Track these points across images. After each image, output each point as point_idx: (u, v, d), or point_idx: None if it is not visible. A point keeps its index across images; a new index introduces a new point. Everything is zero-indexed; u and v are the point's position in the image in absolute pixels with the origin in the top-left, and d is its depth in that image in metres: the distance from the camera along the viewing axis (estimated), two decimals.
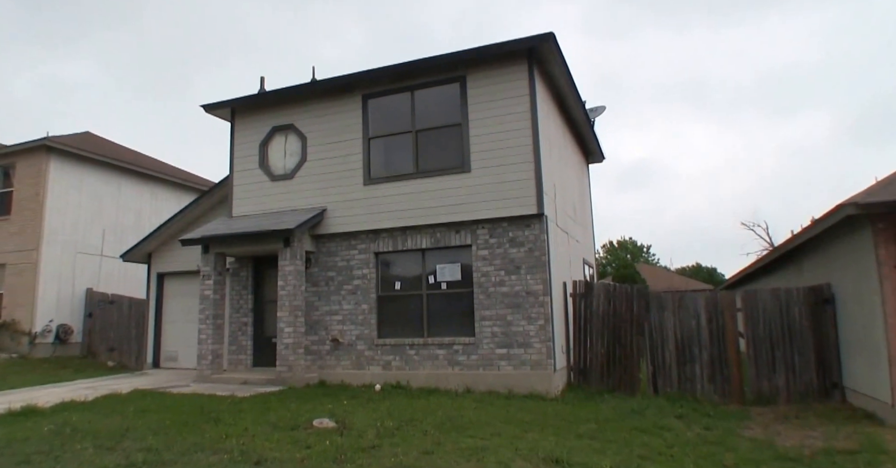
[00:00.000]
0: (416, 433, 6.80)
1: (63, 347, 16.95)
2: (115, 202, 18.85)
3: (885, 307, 7.86)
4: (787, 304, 10.02)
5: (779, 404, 9.58)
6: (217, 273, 11.85)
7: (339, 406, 8.59)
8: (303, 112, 12.11)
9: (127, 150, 21.52)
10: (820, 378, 9.73)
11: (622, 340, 10.62)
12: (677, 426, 7.78)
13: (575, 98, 12.64)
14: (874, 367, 8.29)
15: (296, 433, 6.88)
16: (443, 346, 10.44)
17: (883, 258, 7.95)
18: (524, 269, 10.08)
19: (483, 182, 10.37)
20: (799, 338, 9.89)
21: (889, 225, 7.90)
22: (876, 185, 8.56)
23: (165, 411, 8.35)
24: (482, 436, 6.72)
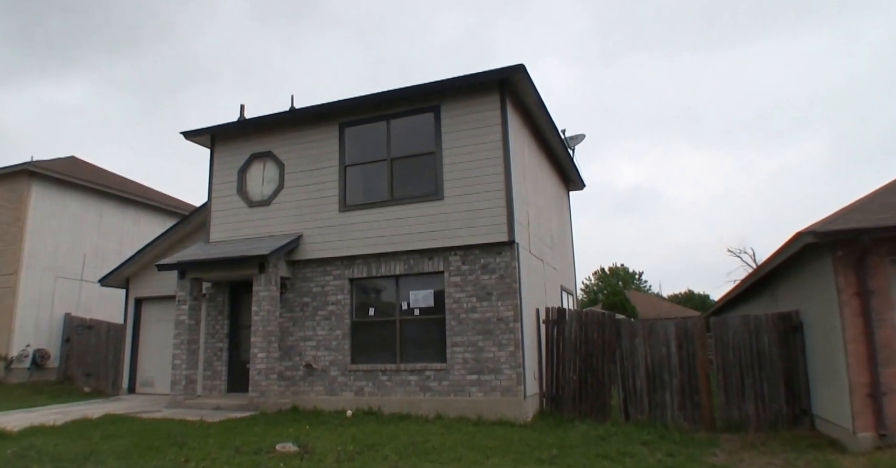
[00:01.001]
0: (376, 458, 6.82)
1: (40, 372, 16.81)
2: (96, 227, 18.90)
3: (845, 334, 8.00)
4: (757, 331, 10.14)
5: (748, 431, 9.62)
6: (193, 298, 11.88)
7: (306, 431, 8.58)
8: (281, 139, 12.32)
9: (111, 175, 21.66)
10: (789, 405, 9.80)
11: (594, 367, 10.68)
12: (641, 452, 7.82)
13: (550, 127, 12.92)
14: (838, 395, 8.38)
15: (257, 457, 6.89)
16: (415, 372, 10.47)
17: (842, 285, 8.11)
18: (495, 296, 10.19)
19: (456, 209, 10.55)
20: (768, 366, 9.98)
21: (848, 253, 8.08)
22: (837, 212, 8.78)
23: (132, 436, 8.34)
24: (442, 462, 6.74)
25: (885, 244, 7.99)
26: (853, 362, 7.89)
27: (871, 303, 7.92)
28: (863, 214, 8.34)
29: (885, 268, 8.03)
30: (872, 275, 8.00)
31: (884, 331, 7.88)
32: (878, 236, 7.86)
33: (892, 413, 7.64)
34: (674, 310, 35.29)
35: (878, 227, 7.83)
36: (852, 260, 8.06)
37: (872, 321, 7.88)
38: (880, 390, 7.69)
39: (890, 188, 9.19)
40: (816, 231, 7.95)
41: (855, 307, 8.00)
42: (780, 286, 11.34)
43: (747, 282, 12.53)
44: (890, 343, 7.84)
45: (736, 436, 9.37)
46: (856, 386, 7.83)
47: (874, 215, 8.23)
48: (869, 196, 9.12)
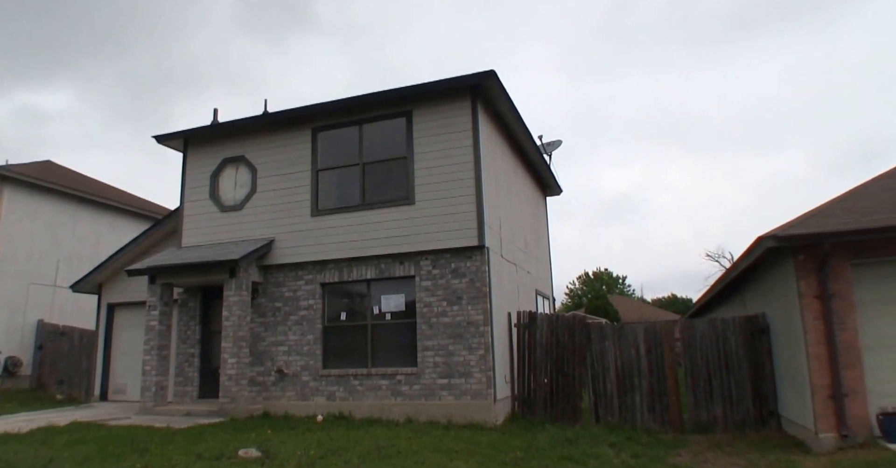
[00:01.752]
0: (338, 462, 6.80)
1: (12, 380, 16.56)
2: (71, 232, 18.70)
3: (807, 337, 8.11)
4: (724, 334, 10.25)
5: (716, 432, 9.72)
6: (163, 304, 11.80)
7: (273, 436, 8.53)
8: (254, 144, 12.29)
9: (87, 179, 21.46)
10: (756, 407, 9.90)
11: (565, 370, 10.73)
12: (606, 454, 7.88)
13: (524, 133, 13.01)
14: (801, 396, 8.49)
15: (218, 463, 6.86)
16: (386, 377, 10.46)
17: (803, 289, 8.23)
18: (466, 300, 10.22)
19: (427, 214, 10.57)
20: (736, 368, 10.09)
21: (808, 257, 8.20)
22: (799, 217, 8.90)
23: (96, 443, 8.25)
24: (405, 465, 6.75)
25: (846, 248, 8.11)
26: (815, 365, 8.00)
27: (832, 306, 8.04)
28: (825, 219, 8.48)
29: (845, 271, 8.15)
30: (833, 278, 8.11)
31: (845, 334, 7.99)
32: (838, 240, 7.97)
33: (853, 414, 7.75)
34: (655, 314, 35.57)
35: (838, 232, 7.94)
36: (813, 264, 8.18)
37: (833, 324, 7.99)
38: (842, 392, 7.79)
39: (853, 193, 9.34)
40: (777, 235, 8.07)
41: (816, 310, 8.11)
42: (748, 290, 11.49)
43: (717, 286, 12.67)
44: (851, 345, 7.95)
45: (704, 437, 9.46)
46: (817, 388, 7.93)
47: (836, 220, 8.36)
48: (832, 201, 9.26)
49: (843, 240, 7.99)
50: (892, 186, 9.17)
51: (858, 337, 7.97)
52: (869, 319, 8.04)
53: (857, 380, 7.85)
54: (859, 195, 9.15)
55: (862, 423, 7.72)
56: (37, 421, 10.69)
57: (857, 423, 7.72)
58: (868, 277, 8.16)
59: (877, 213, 8.29)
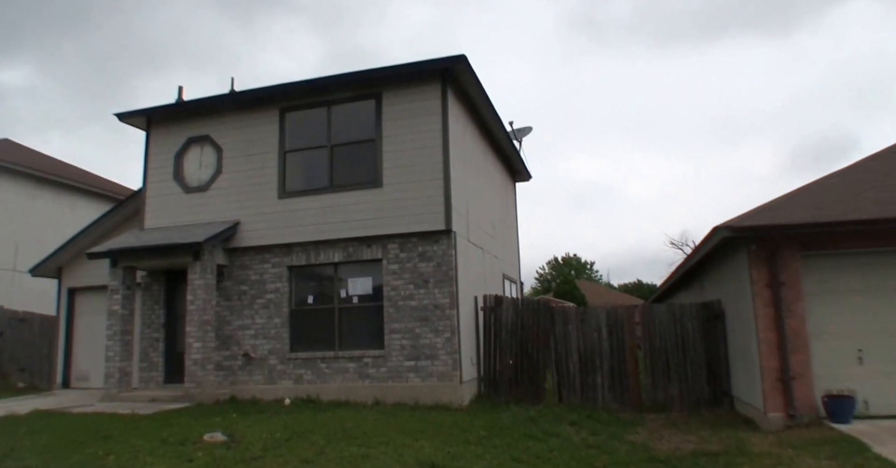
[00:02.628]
0: (304, 444, 6.87)
1: None
2: (30, 214, 18.13)
3: (757, 322, 8.51)
4: (682, 319, 10.59)
5: (673, 412, 10.08)
6: (126, 287, 11.61)
7: (240, 421, 8.54)
8: (219, 123, 12.08)
9: (47, 159, 20.80)
10: (711, 387, 10.29)
11: (529, 352, 10.94)
12: (567, 432, 8.12)
13: (494, 118, 13.06)
14: (752, 377, 8.88)
15: (183, 448, 6.85)
16: (353, 359, 10.53)
17: (755, 277, 8.60)
18: (432, 283, 10.31)
19: (394, 197, 10.59)
20: (692, 351, 10.45)
21: (761, 247, 8.56)
22: (754, 209, 9.21)
23: (57, 431, 8.14)
24: (370, 445, 6.84)
25: (797, 240, 8.53)
26: (764, 349, 8.40)
27: (782, 294, 8.47)
28: (778, 212, 8.85)
29: (795, 262, 8.58)
30: (784, 268, 8.53)
31: (793, 321, 8.42)
32: (789, 232, 8.42)
33: (800, 396, 8.20)
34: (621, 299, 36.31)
35: (789, 224, 8.38)
36: (765, 254, 8.56)
37: (783, 311, 8.43)
38: (789, 375, 8.25)
39: (806, 189, 9.73)
40: (732, 226, 8.40)
41: (767, 298, 8.51)
42: (706, 277, 11.85)
43: (677, 273, 13.03)
44: (798, 331, 8.40)
45: (661, 416, 9.80)
46: (766, 370, 8.33)
47: (788, 213, 8.76)
48: (786, 195, 9.63)
49: (793, 233, 8.44)
50: (843, 184, 9.59)
51: (806, 324, 8.42)
52: (816, 308, 8.49)
53: (804, 365, 8.30)
54: (812, 191, 9.55)
55: (808, 405, 8.16)
56: (2, 409, 10.48)
57: (803, 404, 8.16)
58: (816, 269, 8.60)
59: (827, 208, 8.71)
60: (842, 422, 7.77)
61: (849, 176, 9.98)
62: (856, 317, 8.37)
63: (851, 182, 9.62)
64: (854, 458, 6.16)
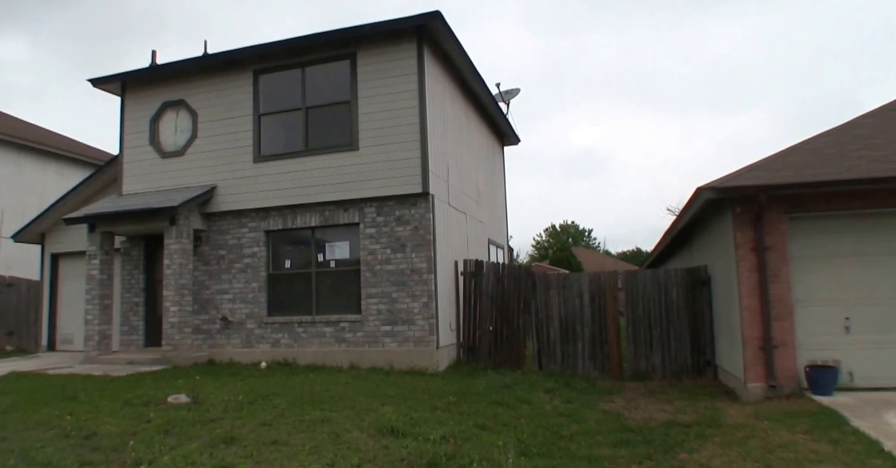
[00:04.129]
0: (266, 407, 6.78)
1: None
2: (15, 182, 17.99)
3: (740, 288, 8.17)
4: (666, 286, 10.35)
5: (654, 381, 9.93)
6: (104, 253, 11.49)
7: (210, 383, 8.48)
8: (194, 87, 11.78)
9: (33, 127, 20.56)
10: (694, 357, 10.11)
11: (509, 319, 10.80)
12: (540, 400, 7.99)
13: (477, 79, 12.67)
14: (734, 346, 8.65)
15: (146, 409, 6.79)
16: (330, 324, 10.42)
17: (740, 241, 8.24)
18: (409, 248, 10.12)
19: (371, 160, 10.33)
20: (676, 319, 10.24)
21: (745, 209, 8.18)
22: (740, 170, 8.86)
23: (27, 392, 8.12)
24: (333, 409, 6.74)
25: (784, 202, 8.11)
26: (746, 316, 8.10)
27: (767, 258, 8.09)
28: (765, 172, 8.45)
29: (782, 225, 8.17)
30: (769, 231, 8.13)
31: (777, 287, 8.07)
32: (775, 193, 7.96)
33: (781, 365, 7.89)
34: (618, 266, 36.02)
35: (775, 185, 7.92)
36: (750, 216, 8.18)
37: (767, 276, 8.06)
38: (771, 344, 7.92)
39: (795, 148, 9.29)
40: (715, 187, 8.03)
41: (751, 262, 8.15)
42: (695, 242, 11.58)
43: (665, 239, 12.75)
44: (783, 298, 8.04)
45: (641, 384, 9.65)
46: (748, 339, 8.04)
47: (775, 173, 8.33)
48: (775, 155, 9.21)
49: (779, 194, 8.00)
50: (834, 143, 9.14)
51: (791, 290, 8.07)
52: (802, 273, 8.14)
53: (788, 333, 7.98)
54: (801, 150, 9.12)
55: (790, 375, 7.88)
56: None
57: (785, 375, 7.88)
58: (804, 232, 8.22)
59: (815, 168, 8.29)
60: (824, 394, 7.48)
61: (841, 134, 9.48)
62: (844, 284, 8.01)
63: (844, 141, 9.11)
64: (830, 432, 5.90)
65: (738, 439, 6.01)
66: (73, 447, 5.40)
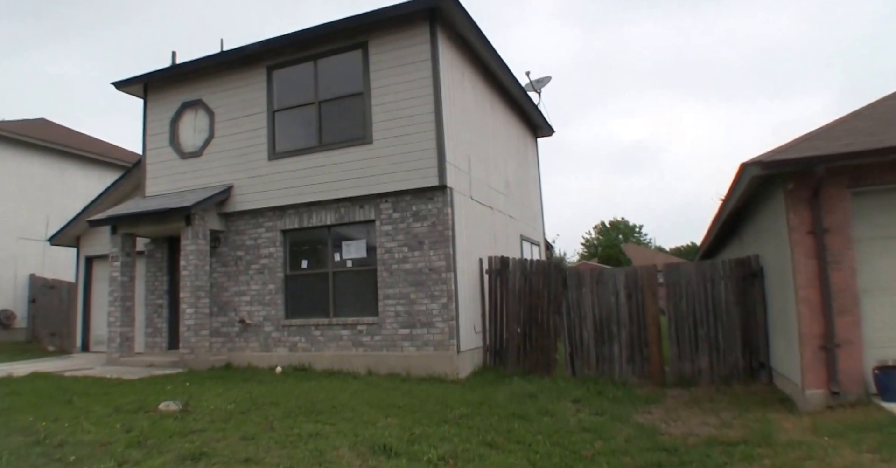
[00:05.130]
0: (257, 418, 6.27)
1: (6, 333, 16.65)
2: (59, 187, 18.40)
3: (796, 278, 7.10)
4: (713, 279, 9.33)
5: (700, 386, 8.95)
6: (125, 254, 11.38)
7: (214, 389, 8.09)
8: (211, 86, 11.53)
9: (79, 135, 21.09)
10: (746, 358, 9.06)
11: (539, 319, 10.01)
12: (565, 411, 7.20)
13: (501, 67, 11.93)
14: (790, 346, 7.58)
15: (133, 416, 6.43)
16: (347, 327, 9.91)
17: (794, 223, 7.15)
18: (427, 245, 9.49)
19: (385, 153, 9.76)
20: (724, 316, 9.21)
21: (799, 186, 7.09)
22: (792, 141, 7.79)
23: (30, 394, 7.94)
24: (330, 422, 6.17)
25: (845, 174, 6.91)
26: (804, 310, 7.01)
27: (827, 242, 6.93)
28: (820, 142, 7.32)
29: (843, 202, 6.97)
30: (829, 210, 6.96)
31: (839, 275, 6.91)
32: (835, 165, 6.75)
33: (846, 368, 6.76)
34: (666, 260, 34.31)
35: (835, 155, 6.70)
36: (806, 194, 7.06)
37: (827, 263, 6.90)
38: (834, 342, 6.79)
39: (857, 114, 8.11)
40: (763, 161, 6.97)
41: (808, 247, 7.03)
42: (745, 230, 10.47)
43: (713, 228, 11.62)
44: (846, 288, 6.88)
45: (685, 391, 8.69)
46: (806, 337, 6.95)
47: (833, 142, 7.20)
48: (832, 123, 8.05)
49: (840, 165, 6.77)
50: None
51: (856, 278, 6.89)
52: (869, 258, 6.92)
53: (853, 329, 6.82)
54: (863, 116, 7.92)
55: (856, 379, 6.75)
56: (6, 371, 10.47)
57: (849, 378, 6.76)
58: (870, 209, 7.00)
59: (881, 133, 7.11)
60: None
61: None
62: None
63: None
64: None
65: (792, 462, 5.09)
66: (37, 456, 5.06)
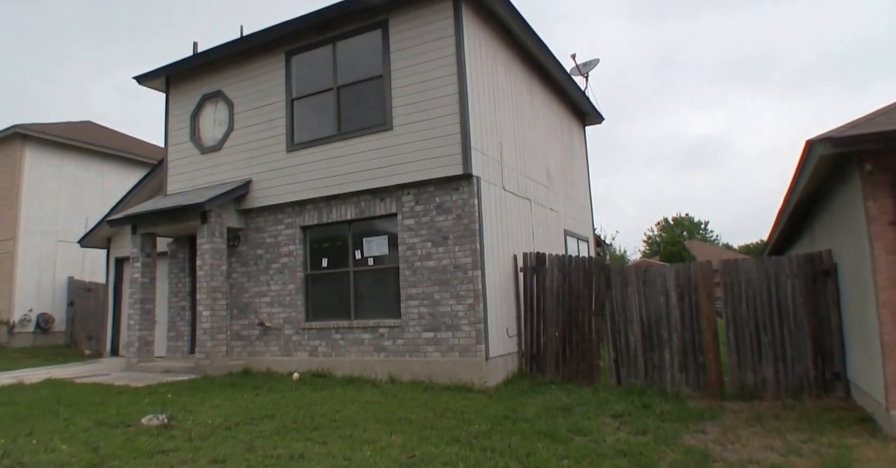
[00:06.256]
0: (242, 435, 5.56)
1: (45, 336, 16.70)
2: (98, 189, 18.43)
3: (876, 278, 5.89)
4: (777, 277, 8.10)
5: (765, 399, 7.76)
6: (145, 255, 10.96)
7: (215, 399, 7.46)
8: (230, 76, 11.00)
9: (122, 137, 21.18)
10: (818, 368, 7.78)
11: (580, 322, 8.99)
12: (602, 429, 6.16)
13: (539, 46, 10.95)
14: (870, 357, 6.33)
15: (112, 431, 5.85)
16: (368, 330, 9.14)
17: (873, 212, 5.94)
18: (452, 240, 8.61)
19: (406, 140, 8.94)
20: (792, 319, 7.96)
21: (879, 167, 5.88)
22: (864, 116, 6.55)
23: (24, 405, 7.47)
24: (323, 440, 5.40)
25: None
26: (885, 314, 5.79)
27: None
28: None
29: None
30: None
31: None
32: None
33: None
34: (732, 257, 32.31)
35: None
36: (887, 177, 5.84)
37: None
38: None
39: None
40: (834, 137, 5.79)
41: (890, 241, 5.80)
42: (817, 222, 9.13)
43: (781, 219, 10.27)
44: None
45: (746, 405, 7.50)
46: (890, 347, 5.72)
47: None
48: None
49: None
50: None
51: None
52: None
53: None
54: None
55: None
56: (22, 377, 10.20)
57: None
58: None
59: None
60: None
61: None
62: None
63: None
64: None
65: None
66: None
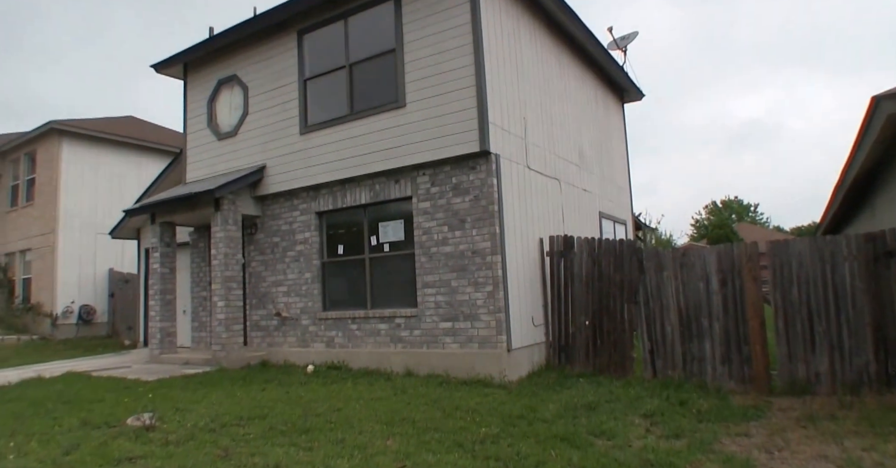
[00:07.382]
0: (223, 439, 5.14)
1: (88, 328, 16.97)
2: (136, 182, 18.53)
3: None
4: (833, 259, 7.16)
5: (818, 395, 6.89)
6: (164, 244, 10.78)
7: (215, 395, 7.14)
8: (244, 59, 10.65)
9: (162, 130, 21.33)
10: (880, 361, 6.86)
11: (611, 309, 8.27)
12: (628, 431, 5.46)
13: (569, 16, 10.15)
14: None
15: (94, 432, 5.56)
16: (384, 320, 8.65)
17: None
18: (469, 223, 8.01)
19: (420, 117, 8.35)
20: (850, 306, 7.02)
21: None
22: None
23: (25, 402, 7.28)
24: (307, 446, 4.92)
25: None
26: None
27: None
28: None
29: None
30: None
31: None
32: None
33: None
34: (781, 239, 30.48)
35: None
36: None
37: None
38: None
39: None
40: None
41: None
42: (878, 195, 8.13)
43: (837, 194, 9.24)
44: None
45: (797, 402, 6.66)
46: None
47: None
48: None
49: None
50: None
51: None
52: None
53: None
54: None
55: None
56: (47, 370, 10.16)
57: None
58: None
59: None
60: None
61: None
62: None
63: None
64: None
65: None
66: None
